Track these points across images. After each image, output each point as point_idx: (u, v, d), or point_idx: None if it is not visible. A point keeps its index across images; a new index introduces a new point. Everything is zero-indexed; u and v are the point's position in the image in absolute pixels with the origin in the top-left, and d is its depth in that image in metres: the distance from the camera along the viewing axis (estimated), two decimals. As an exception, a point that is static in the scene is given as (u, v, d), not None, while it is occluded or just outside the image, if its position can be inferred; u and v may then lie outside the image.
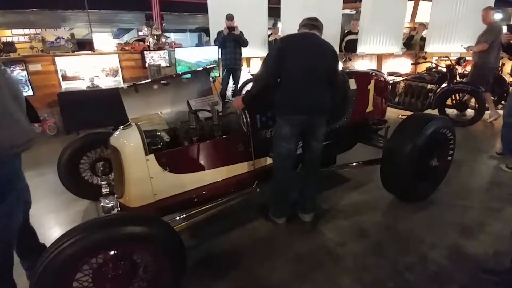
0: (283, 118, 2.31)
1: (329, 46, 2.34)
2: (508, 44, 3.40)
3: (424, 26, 7.52)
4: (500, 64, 5.67)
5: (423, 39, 7.47)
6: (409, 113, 4.59)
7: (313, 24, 2.36)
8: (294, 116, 2.28)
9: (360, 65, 7.49)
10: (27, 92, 4.79)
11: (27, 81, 4.77)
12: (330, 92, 2.34)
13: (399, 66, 7.09)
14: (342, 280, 2.00)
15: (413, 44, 7.75)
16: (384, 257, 2.19)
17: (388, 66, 7.38)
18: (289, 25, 7.10)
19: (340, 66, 6.91)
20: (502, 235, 2.41)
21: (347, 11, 10.57)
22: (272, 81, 2.29)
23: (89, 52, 5.99)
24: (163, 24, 12.14)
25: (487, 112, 5.08)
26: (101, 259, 1.51)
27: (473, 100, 5.22)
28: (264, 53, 7.08)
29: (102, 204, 2.02)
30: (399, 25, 7.37)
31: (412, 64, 6.69)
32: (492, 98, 5.55)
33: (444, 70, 5.23)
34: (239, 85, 6.34)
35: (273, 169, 2.48)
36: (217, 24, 6.40)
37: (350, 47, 7.50)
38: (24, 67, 4.74)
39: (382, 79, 3.40)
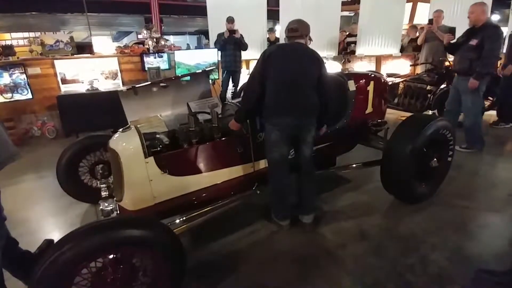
0: (271, 122, 2.32)
1: (312, 51, 2.37)
2: (449, 44, 3.64)
3: (415, 28, 7.52)
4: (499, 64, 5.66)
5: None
6: (408, 114, 4.59)
7: (293, 35, 2.36)
8: (281, 119, 2.28)
9: (359, 66, 7.51)
10: (27, 95, 4.80)
11: (26, 84, 4.77)
12: (318, 96, 2.33)
13: (398, 68, 7.11)
14: (343, 281, 1.99)
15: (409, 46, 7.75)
16: (385, 258, 2.19)
17: (387, 68, 7.40)
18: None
19: (339, 68, 6.93)
20: (502, 235, 2.40)
21: (346, 13, 10.60)
22: (260, 91, 2.30)
23: (89, 55, 6.00)
24: (162, 27, 12.17)
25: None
26: (100, 263, 1.50)
27: None
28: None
29: (101, 207, 2.02)
30: (398, 27, 7.39)
31: (411, 65, 6.71)
32: (491, 99, 5.55)
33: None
34: (238, 87, 6.35)
35: (268, 174, 2.48)
36: (216, 27, 6.40)
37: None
38: (23, 71, 4.73)
39: (382, 80, 3.40)
